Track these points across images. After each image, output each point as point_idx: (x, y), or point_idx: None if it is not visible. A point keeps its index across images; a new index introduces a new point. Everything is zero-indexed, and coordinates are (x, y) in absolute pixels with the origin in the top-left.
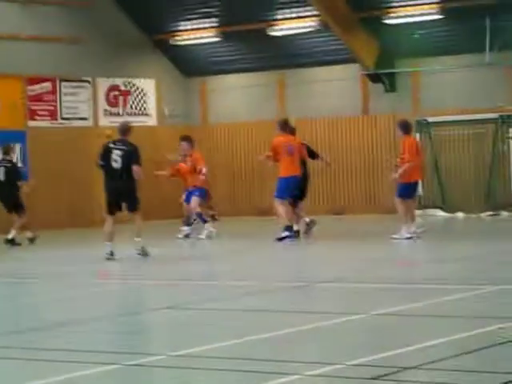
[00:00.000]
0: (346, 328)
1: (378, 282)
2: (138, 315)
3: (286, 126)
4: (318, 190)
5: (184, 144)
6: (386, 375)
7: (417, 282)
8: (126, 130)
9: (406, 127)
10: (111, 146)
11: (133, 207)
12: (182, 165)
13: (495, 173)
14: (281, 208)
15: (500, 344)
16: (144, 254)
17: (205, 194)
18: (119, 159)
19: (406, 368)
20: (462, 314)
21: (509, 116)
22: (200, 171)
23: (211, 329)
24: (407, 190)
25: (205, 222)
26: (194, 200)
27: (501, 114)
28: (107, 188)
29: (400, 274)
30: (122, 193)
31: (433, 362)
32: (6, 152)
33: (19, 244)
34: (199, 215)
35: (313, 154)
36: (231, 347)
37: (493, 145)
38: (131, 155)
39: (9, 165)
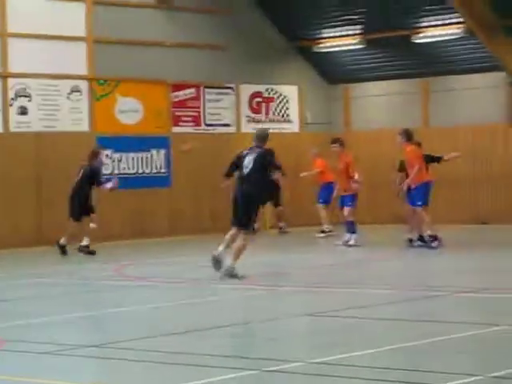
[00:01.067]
0: (482, 340)
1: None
2: (277, 321)
3: (412, 136)
4: (462, 199)
5: (335, 146)
6: None
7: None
8: (264, 137)
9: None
10: (245, 152)
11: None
12: (320, 162)
13: None
14: (424, 214)
15: None
16: (232, 276)
17: (356, 201)
18: (250, 164)
19: None
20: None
21: None
22: (353, 177)
23: (349, 336)
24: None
25: (353, 232)
26: (348, 210)
27: None
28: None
29: None
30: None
31: None
32: (94, 155)
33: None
34: (351, 223)
35: (435, 159)
36: (369, 356)
37: None
38: (264, 158)
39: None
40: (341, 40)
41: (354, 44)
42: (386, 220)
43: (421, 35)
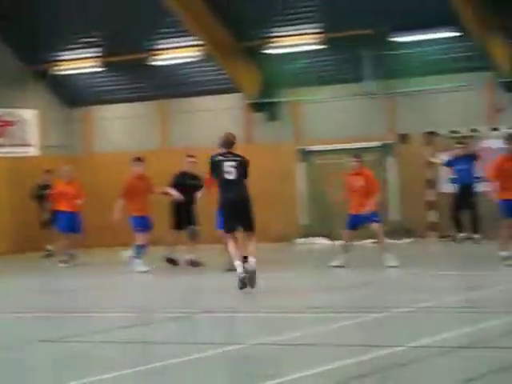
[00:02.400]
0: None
1: (250, 312)
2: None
3: None
4: None
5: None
6: None
7: (301, 311)
8: (233, 142)
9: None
10: (220, 158)
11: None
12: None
13: None
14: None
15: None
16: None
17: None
18: (234, 170)
19: None
20: (338, 342)
21: (388, 144)
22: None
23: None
24: None
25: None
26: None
27: (383, 142)
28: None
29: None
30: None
31: None
32: None
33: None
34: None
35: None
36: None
37: (375, 173)
38: (245, 168)
39: None
40: (80, 62)
41: (94, 67)
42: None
43: (159, 58)
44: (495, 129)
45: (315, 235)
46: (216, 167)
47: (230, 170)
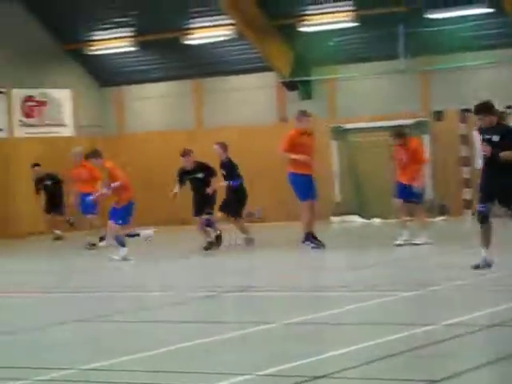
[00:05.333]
0: (258, 337)
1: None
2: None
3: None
4: None
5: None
6: None
7: (329, 290)
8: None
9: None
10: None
11: None
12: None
13: None
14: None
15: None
16: None
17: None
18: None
19: (316, 377)
20: (375, 320)
21: (422, 122)
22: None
23: (126, 340)
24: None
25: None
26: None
27: (417, 119)
28: None
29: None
30: None
31: (344, 369)
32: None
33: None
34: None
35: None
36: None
37: None
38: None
39: None
40: (113, 42)
41: (127, 46)
42: (163, 222)
43: (191, 37)
44: None
45: (349, 213)
46: None
47: None
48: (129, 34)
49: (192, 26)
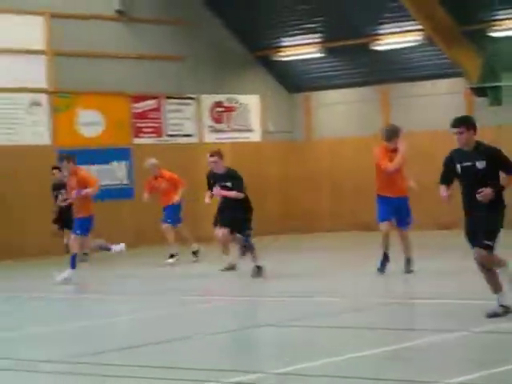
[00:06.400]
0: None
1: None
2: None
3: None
4: (427, 205)
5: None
6: None
7: None
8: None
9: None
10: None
11: None
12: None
13: None
14: None
15: None
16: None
17: None
18: None
19: None
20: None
21: None
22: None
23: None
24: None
25: None
26: None
27: None
28: None
29: None
30: None
31: None
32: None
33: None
34: None
35: None
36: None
37: None
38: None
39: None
40: (301, 48)
41: (314, 52)
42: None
43: (380, 42)
44: None
45: None
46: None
47: None
48: (317, 40)
49: (380, 31)
